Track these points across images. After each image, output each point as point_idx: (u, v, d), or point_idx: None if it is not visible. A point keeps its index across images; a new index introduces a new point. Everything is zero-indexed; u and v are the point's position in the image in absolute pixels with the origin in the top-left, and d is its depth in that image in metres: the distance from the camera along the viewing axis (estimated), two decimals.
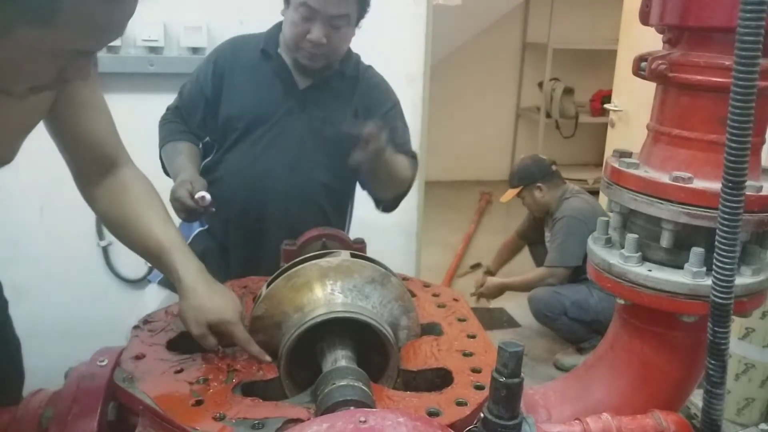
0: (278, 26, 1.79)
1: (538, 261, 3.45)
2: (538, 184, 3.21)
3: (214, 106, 1.78)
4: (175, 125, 1.81)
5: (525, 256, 3.72)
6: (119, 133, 1.23)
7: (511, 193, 3.32)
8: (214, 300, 1.12)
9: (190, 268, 1.14)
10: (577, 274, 3.08)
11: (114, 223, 1.21)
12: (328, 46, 1.65)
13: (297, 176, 1.74)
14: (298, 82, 1.76)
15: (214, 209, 1.53)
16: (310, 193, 1.78)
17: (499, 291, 3.35)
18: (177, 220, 1.45)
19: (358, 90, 1.81)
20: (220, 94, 1.78)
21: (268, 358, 1.10)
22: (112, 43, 2.38)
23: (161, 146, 1.78)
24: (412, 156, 1.86)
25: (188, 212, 1.53)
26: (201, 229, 1.85)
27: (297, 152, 1.76)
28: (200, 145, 1.82)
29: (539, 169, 3.25)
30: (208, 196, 1.51)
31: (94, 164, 1.19)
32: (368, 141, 1.49)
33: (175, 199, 1.51)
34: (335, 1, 1.59)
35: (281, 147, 1.75)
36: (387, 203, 1.87)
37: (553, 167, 3.29)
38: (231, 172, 1.76)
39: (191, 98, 1.81)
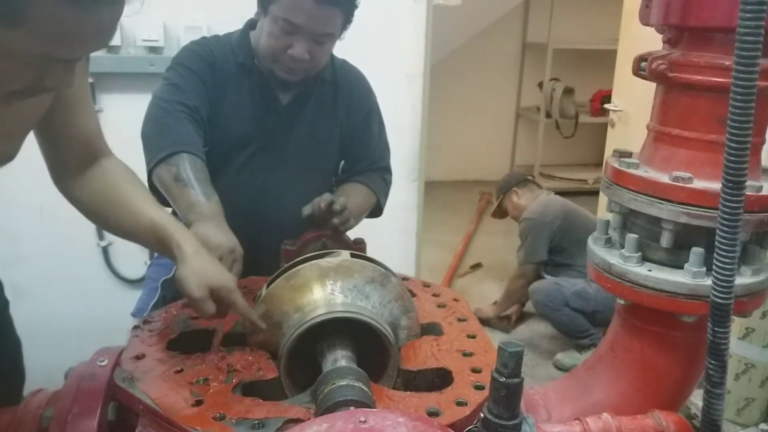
0: (246, 33, 1.64)
1: None
2: (514, 189, 3.66)
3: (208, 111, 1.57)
4: (194, 127, 1.51)
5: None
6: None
7: (495, 204, 3.79)
8: (216, 266, 1.13)
9: (189, 238, 1.14)
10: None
11: (101, 208, 1.20)
12: (310, 61, 1.53)
13: (290, 204, 1.54)
14: (280, 97, 1.63)
15: None
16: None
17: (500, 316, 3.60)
18: None
19: (339, 93, 1.71)
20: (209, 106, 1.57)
21: (264, 326, 1.11)
22: (111, 43, 2.40)
23: (174, 151, 1.44)
24: (384, 170, 1.79)
25: None
26: None
27: (287, 177, 1.66)
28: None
29: (514, 177, 3.81)
30: None
31: (81, 158, 1.19)
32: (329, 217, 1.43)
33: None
34: (321, 20, 1.47)
35: (271, 174, 1.64)
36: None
37: (529, 177, 3.82)
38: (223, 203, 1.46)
39: (195, 91, 1.55)
